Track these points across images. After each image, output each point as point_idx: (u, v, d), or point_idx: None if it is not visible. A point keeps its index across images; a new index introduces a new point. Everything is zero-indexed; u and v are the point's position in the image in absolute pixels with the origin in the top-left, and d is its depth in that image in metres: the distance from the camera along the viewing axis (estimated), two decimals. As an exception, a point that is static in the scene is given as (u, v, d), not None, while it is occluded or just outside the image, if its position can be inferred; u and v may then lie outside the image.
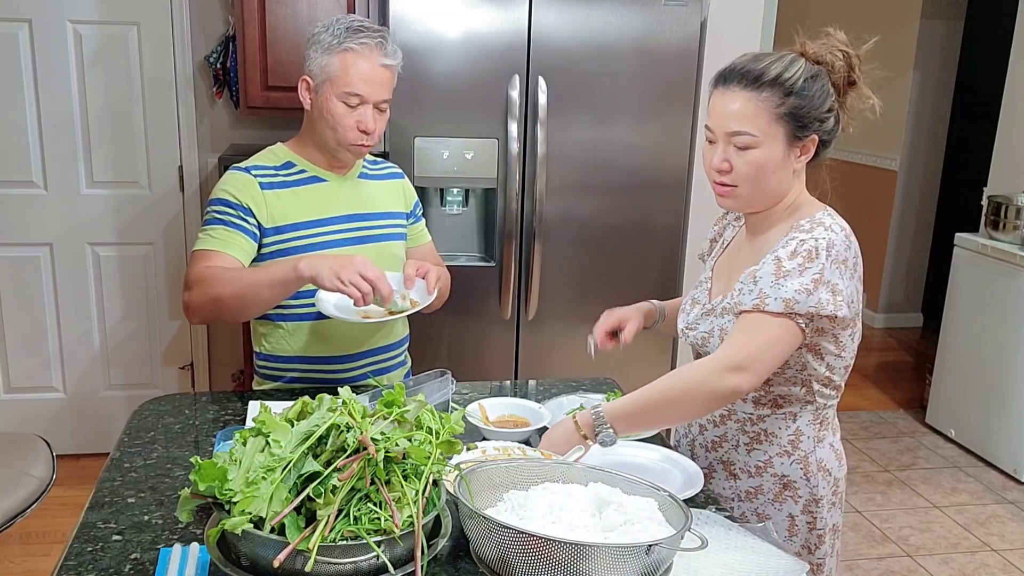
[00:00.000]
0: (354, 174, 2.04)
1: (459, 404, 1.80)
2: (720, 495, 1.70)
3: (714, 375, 1.46)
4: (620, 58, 2.92)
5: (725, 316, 1.59)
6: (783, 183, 1.55)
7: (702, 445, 1.73)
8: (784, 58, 1.51)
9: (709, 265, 1.76)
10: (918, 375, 4.90)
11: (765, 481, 1.66)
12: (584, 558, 1.11)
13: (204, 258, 1.84)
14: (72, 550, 1.31)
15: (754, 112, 1.48)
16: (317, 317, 1.94)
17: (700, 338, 1.64)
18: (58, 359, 3.63)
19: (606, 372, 2.21)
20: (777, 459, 1.65)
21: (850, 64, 1.53)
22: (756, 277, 1.51)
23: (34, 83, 3.36)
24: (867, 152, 5.71)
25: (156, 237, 3.58)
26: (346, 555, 1.12)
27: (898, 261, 5.68)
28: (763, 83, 1.48)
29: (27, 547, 3.05)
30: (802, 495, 1.65)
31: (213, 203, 1.90)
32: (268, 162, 1.96)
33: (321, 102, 1.88)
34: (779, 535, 1.66)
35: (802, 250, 1.48)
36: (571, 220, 3.01)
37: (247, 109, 3.18)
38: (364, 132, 1.89)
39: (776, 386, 1.60)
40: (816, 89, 1.50)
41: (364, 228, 2.01)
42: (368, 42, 1.85)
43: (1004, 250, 3.79)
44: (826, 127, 1.53)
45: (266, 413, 1.22)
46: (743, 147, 1.50)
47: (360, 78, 1.85)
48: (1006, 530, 3.40)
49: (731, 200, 1.57)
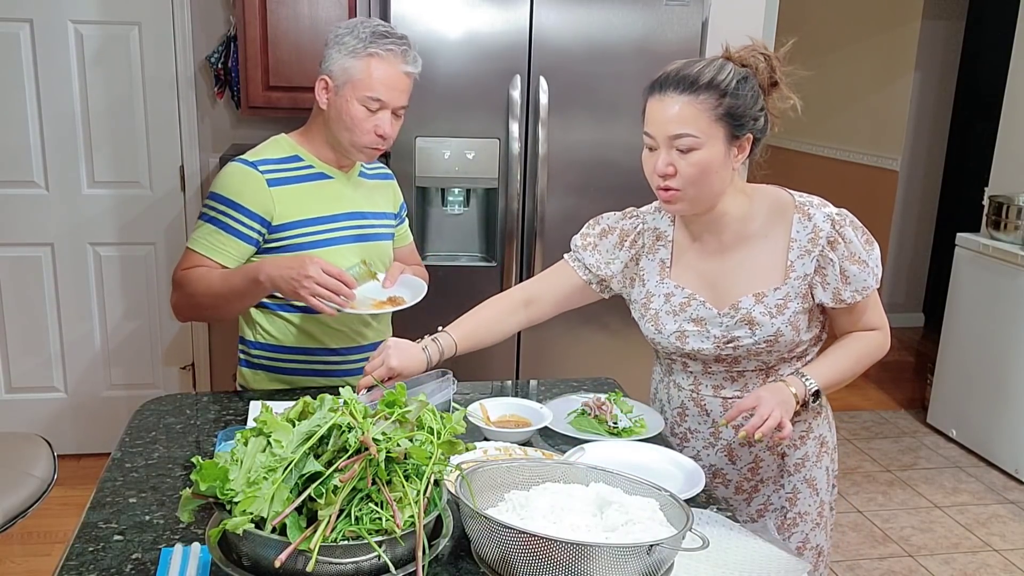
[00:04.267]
0: (355, 173, 2.05)
1: (460, 404, 1.80)
2: (768, 478, 1.76)
3: (886, 343, 1.73)
4: (621, 58, 2.92)
5: (785, 311, 1.63)
6: (723, 182, 1.61)
7: (741, 445, 1.73)
8: (714, 63, 1.58)
9: (671, 284, 1.73)
10: (919, 375, 4.90)
11: (809, 447, 1.76)
12: (585, 558, 1.11)
13: (189, 259, 1.90)
14: (73, 550, 1.31)
15: (694, 114, 1.54)
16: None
17: (765, 341, 1.64)
18: (59, 359, 3.63)
19: (607, 372, 2.22)
20: (813, 423, 1.76)
21: (771, 66, 1.60)
22: (843, 270, 1.62)
23: (35, 83, 3.36)
24: (868, 152, 5.71)
25: (157, 237, 3.58)
26: (347, 555, 1.12)
27: (899, 261, 5.68)
28: (699, 86, 1.54)
29: (28, 547, 3.05)
30: (829, 446, 1.79)
31: (214, 197, 1.90)
32: (274, 154, 1.96)
33: (340, 103, 1.88)
34: (823, 491, 1.78)
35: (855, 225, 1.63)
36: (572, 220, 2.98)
37: (248, 109, 3.18)
38: (380, 136, 1.90)
39: (809, 351, 1.72)
40: (747, 90, 1.56)
41: (364, 227, 2.02)
42: (394, 48, 1.87)
43: (1005, 250, 3.78)
44: (758, 125, 1.60)
45: (267, 413, 1.22)
46: (686, 149, 1.55)
47: (383, 83, 1.86)
48: (1007, 530, 3.40)
49: (677, 204, 1.62)
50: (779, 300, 1.63)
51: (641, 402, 1.88)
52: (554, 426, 1.75)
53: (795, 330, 1.64)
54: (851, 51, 5.75)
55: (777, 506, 1.76)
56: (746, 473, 1.75)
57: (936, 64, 5.36)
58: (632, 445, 1.68)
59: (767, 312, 1.63)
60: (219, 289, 1.85)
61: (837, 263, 1.62)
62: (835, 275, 1.62)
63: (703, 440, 1.77)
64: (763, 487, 1.76)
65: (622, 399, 1.84)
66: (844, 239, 1.62)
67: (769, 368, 1.70)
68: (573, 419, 1.80)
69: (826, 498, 1.80)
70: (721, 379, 1.72)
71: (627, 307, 1.83)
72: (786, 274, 1.64)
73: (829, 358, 1.70)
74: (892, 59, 5.48)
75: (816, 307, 1.68)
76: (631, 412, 1.80)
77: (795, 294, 1.63)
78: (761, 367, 1.70)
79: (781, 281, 1.64)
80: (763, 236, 1.66)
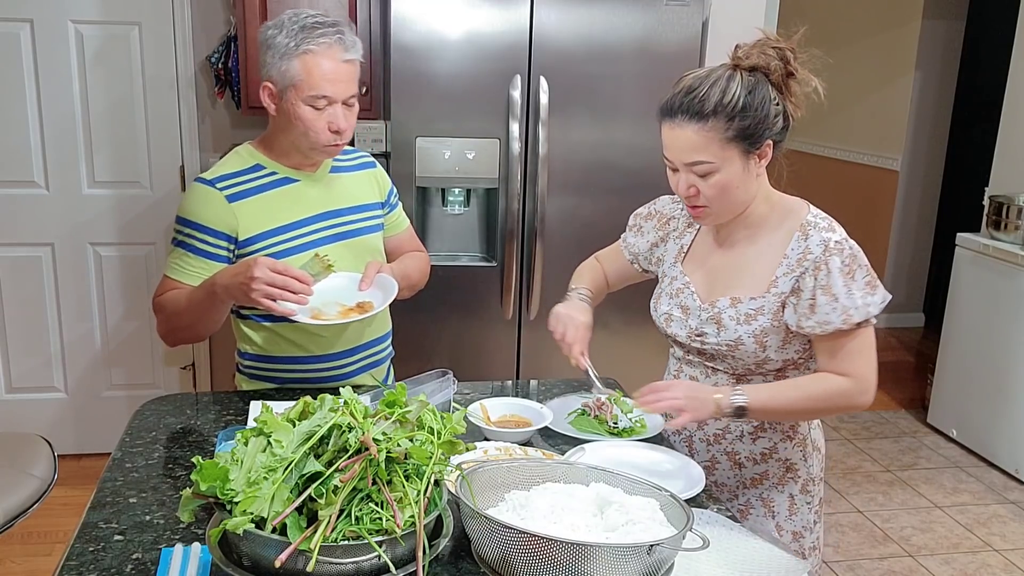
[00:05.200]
0: (325, 170, 1.97)
1: (461, 404, 1.80)
2: (724, 484, 1.75)
3: (858, 394, 1.58)
4: (621, 58, 2.92)
5: (753, 322, 1.62)
6: (749, 192, 1.62)
7: (702, 440, 1.76)
8: (720, 80, 1.54)
9: (678, 270, 1.77)
10: (919, 375, 4.90)
11: (771, 467, 1.73)
12: (585, 558, 1.11)
13: (164, 284, 1.89)
14: (74, 550, 1.31)
15: (704, 142, 1.53)
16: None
17: (726, 344, 1.64)
18: (59, 359, 3.63)
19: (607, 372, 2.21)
20: (781, 444, 1.73)
21: (785, 59, 1.56)
22: (813, 298, 1.56)
23: (36, 83, 3.36)
24: (868, 152, 5.71)
25: (157, 237, 3.58)
26: (348, 555, 1.12)
27: (899, 261, 5.68)
28: (706, 114, 1.52)
29: (29, 547, 3.05)
30: (801, 475, 1.74)
31: (178, 220, 1.87)
32: (234, 167, 1.90)
33: (287, 108, 1.80)
34: (781, 516, 1.73)
35: (849, 260, 1.57)
36: (572, 220, 3.01)
37: (248, 109, 3.18)
38: (336, 132, 1.83)
39: (788, 373, 1.68)
40: (757, 101, 1.53)
41: (339, 224, 1.95)
42: (326, 40, 1.77)
43: (1006, 250, 3.78)
44: (775, 129, 1.57)
45: (268, 413, 1.22)
46: (703, 174, 1.56)
47: (325, 79, 1.77)
48: (1007, 530, 3.40)
49: (706, 218, 1.65)
50: (750, 310, 1.62)
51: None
52: (554, 426, 1.75)
53: (759, 344, 1.61)
54: (851, 51, 5.75)
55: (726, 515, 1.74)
56: (709, 471, 1.73)
57: (936, 64, 5.36)
58: (632, 445, 1.68)
59: (735, 318, 1.63)
60: (186, 306, 1.82)
61: (811, 290, 1.57)
62: (805, 300, 1.57)
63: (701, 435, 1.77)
64: (718, 491, 1.74)
65: (622, 399, 1.84)
66: (827, 268, 1.56)
67: (739, 376, 1.68)
68: (573, 419, 1.80)
69: (787, 526, 1.74)
70: (698, 372, 1.74)
71: (628, 307, 1.84)
72: (767, 288, 1.62)
73: (776, 384, 1.64)
74: (892, 59, 5.48)
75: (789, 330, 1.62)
76: (631, 412, 1.80)
77: (768, 309, 1.61)
78: (730, 370, 1.69)
79: (760, 293, 1.63)
80: (765, 245, 1.65)
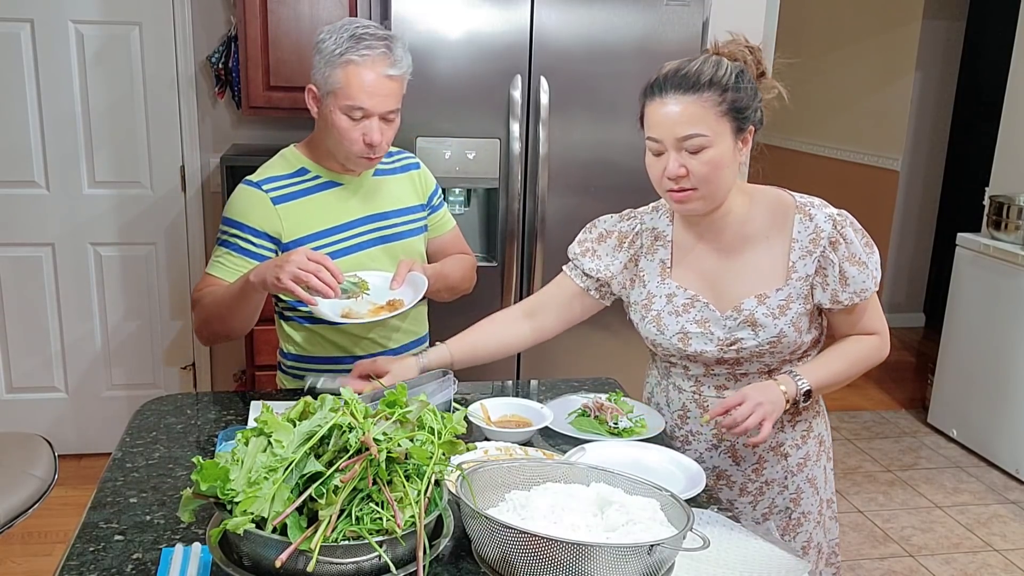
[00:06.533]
0: (369, 173, 1.98)
1: (461, 404, 1.80)
2: (773, 480, 1.75)
3: (885, 348, 1.73)
4: (622, 58, 2.92)
5: (788, 312, 1.63)
6: (733, 177, 1.62)
7: (746, 444, 1.69)
8: (709, 60, 1.57)
9: (672, 285, 1.72)
10: (920, 375, 4.90)
11: (810, 447, 1.76)
12: (586, 558, 1.11)
13: (204, 281, 1.89)
14: (74, 550, 1.31)
15: (700, 113, 1.53)
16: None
17: (768, 343, 1.64)
18: (60, 359, 3.63)
19: (607, 372, 2.21)
20: (814, 422, 1.77)
21: (757, 58, 1.61)
22: (843, 271, 1.62)
23: (36, 83, 3.36)
24: (868, 152, 5.71)
25: (158, 237, 3.58)
26: (348, 555, 1.12)
27: (900, 261, 5.68)
28: (701, 84, 1.53)
29: (29, 547, 3.05)
30: (826, 446, 1.80)
31: (224, 221, 1.90)
32: (280, 170, 1.92)
33: (326, 113, 1.82)
34: (823, 489, 1.78)
35: (856, 227, 1.64)
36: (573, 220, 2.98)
37: (249, 109, 3.18)
38: (369, 145, 1.82)
39: (810, 353, 1.72)
40: (745, 82, 1.57)
41: (382, 228, 1.97)
42: (369, 53, 1.77)
43: (1006, 250, 3.78)
44: (758, 116, 1.61)
45: (268, 413, 1.22)
46: (696, 150, 1.54)
47: (363, 91, 1.77)
48: (1008, 530, 3.40)
49: (691, 204, 1.60)
50: (781, 301, 1.63)
51: (642, 402, 1.88)
52: (555, 426, 1.75)
53: (797, 331, 1.64)
54: (851, 51, 5.75)
55: (781, 507, 1.76)
56: (750, 474, 1.75)
57: (937, 64, 5.36)
58: (633, 445, 1.68)
59: (770, 313, 1.63)
60: (221, 298, 1.82)
61: (837, 264, 1.61)
62: (834, 276, 1.62)
63: (706, 442, 1.76)
64: (768, 489, 1.75)
65: (622, 399, 1.84)
66: (845, 240, 1.62)
67: (771, 370, 1.70)
68: (574, 419, 1.80)
69: (824, 496, 1.81)
70: (724, 380, 1.72)
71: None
72: (788, 275, 1.64)
73: (823, 359, 1.69)
74: (892, 59, 5.48)
75: (815, 309, 1.67)
76: (631, 412, 1.80)
77: (797, 295, 1.63)
78: (764, 369, 1.70)
79: (783, 282, 1.64)
80: (764, 237, 1.66)
